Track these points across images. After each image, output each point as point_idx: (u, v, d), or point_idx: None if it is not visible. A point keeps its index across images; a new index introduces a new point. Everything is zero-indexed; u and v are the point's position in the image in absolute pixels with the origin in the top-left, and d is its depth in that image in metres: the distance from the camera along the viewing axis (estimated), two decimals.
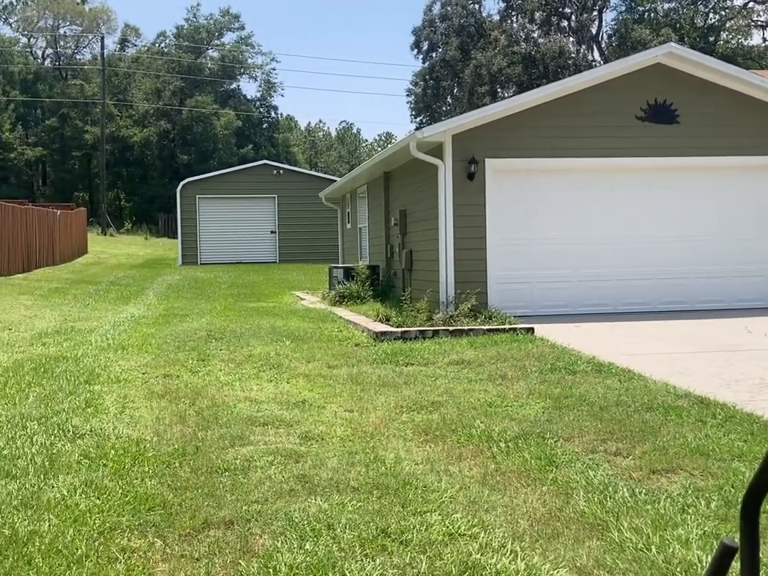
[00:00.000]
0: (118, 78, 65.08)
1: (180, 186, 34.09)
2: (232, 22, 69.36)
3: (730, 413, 6.49)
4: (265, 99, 72.08)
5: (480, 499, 4.73)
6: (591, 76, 14.00)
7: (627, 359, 9.05)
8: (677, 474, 5.15)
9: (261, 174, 34.30)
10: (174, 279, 24.51)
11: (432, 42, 59.36)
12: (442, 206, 13.26)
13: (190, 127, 62.10)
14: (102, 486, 4.98)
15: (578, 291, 14.01)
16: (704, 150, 13.95)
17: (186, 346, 10.69)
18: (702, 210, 14.32)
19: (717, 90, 14.03)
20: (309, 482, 5.04)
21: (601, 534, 4.22)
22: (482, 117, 13.49)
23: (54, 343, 11.07)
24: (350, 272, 18.10)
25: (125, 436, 6.13)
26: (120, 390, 7.93)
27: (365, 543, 4.11)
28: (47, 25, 67.88)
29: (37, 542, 4.12)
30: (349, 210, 23.81)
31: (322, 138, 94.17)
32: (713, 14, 54.43)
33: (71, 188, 64.46)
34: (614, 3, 56.50)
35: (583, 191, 14.06)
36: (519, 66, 53.38)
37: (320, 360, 9.56)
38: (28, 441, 5.97)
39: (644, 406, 6.83)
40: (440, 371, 8.79)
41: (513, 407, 6.99)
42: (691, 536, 4.13)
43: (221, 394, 7.72)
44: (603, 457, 5.52)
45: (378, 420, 6.61)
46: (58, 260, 29.87)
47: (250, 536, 4.24)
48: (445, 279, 13.24)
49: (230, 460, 5.51)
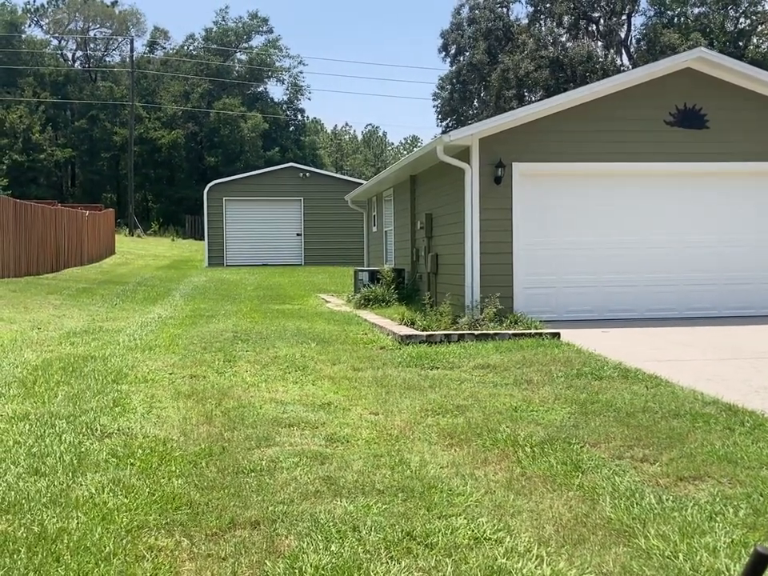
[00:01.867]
0: (147, 80, 65.66)
1: (207, 188, 34.29)
2: (260, 25, 69.82)
3: (759, 420, 6.43)
4: (292, 102, 72.48)
5: (505, 504, 4.71)
6: (619, 80, 13.92)
7: (654, 365, 8.99)
8: (704, 481, 5.11)
9: (287, 177, 34.43)
10: (200, 281, 24.66)
11: (460, 46, 59.31)
12: (468, 209, 13.24)
13: (217, 129, 62.53)
14: (129, 484, 5.02)
15: (604, 296, 13.93)
16: (734, 155, 13.83)
17: (212, 347, 10.75)
18: (729, 215, 14.18)
19: (747, 95, 13.90)
20: (334, 484, 5.05)
21: (627, 540, 4.20)
22: (510, 121, 13.46)
23: (83, 343, 11.17)
24: (375, 275, 18.12)
25: (152, 435, 6.18)
26: (147, 389, 7.98)
27: (390, 546, 4.11)
28: (77, 27, 68.71)
29: (65, 540, 4.16)
30: (374, 213, 23.84)
31: (348, 141, 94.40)
32: (743, 18, 53.94)
33: (100, 189, 65.15)
34: (643, 8, 56.23)
35: (610, 196, 13.99)
36: (546, 70, 53.21)
37: (345, 362, 9.58)
38: (57, 439, 6.02)
39: (671, 412, 6.78)
40: (465, 375, 8.77)
41: (538, 412, 6.96)
42: (719, 544, 4.10)
43: (247, 394, 7.76)
44: (630, 463, 5.49)
45: (403, 423, 6.61)
46: (85, 260, 30.16)
47: (276, 536, 4.25)
48: (470, 283, 13.21)
49: (256, 461, 5.53)
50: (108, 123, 62.79)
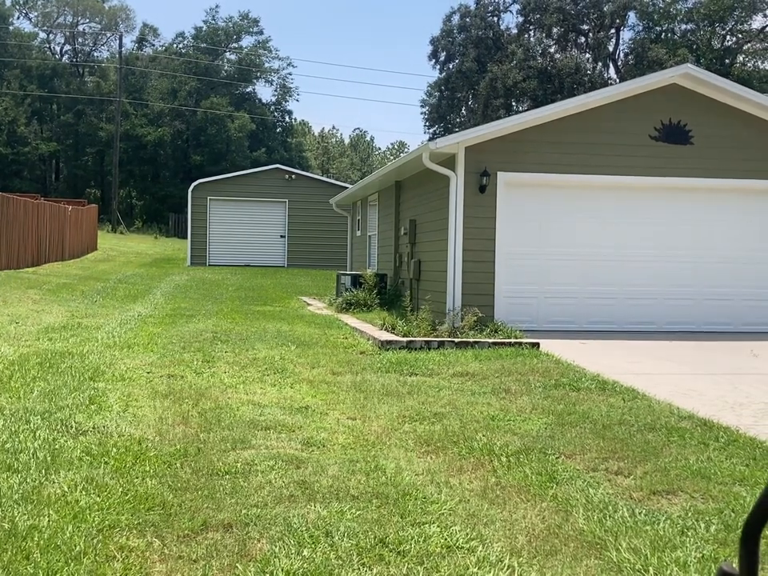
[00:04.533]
0: (135, 77, 65.37)
1: (192, 187, 34.16)
2: (251, 25, 69.66)
3: (733, 436, 6.47)
4: (279, 103, 72.33)
5: (479, 513, 4.72)
6: (607, 94, 14.01)
7: (632, 378, 9.04)
8: (677, 495, 5.14)
9: (273, 178, 34.36)
10: (182, 279, 24.56)
11: (449, 53, 59.43)
12: (453, 217, 13.27)
13: (203, 128, 62.31)
14: (102, 483, 4.99)
15: (585, 308, 13.99)
16: (717, 171, 13.94)
17: (191, 347, 10.71)
18: (710, 231, 14.30)
19: (732, 113, 14.02)
20: (309, 489, 5.04)
21: (599, 553, 4.21)
22: (496, 130, 13.51)
23: (61, 338, 11.11)
24: (357, 279, 18.11)
25: (127, 434, 6.15)
26: (124, 388, 7.95)
27: (362, 552, 4.11)
28: (66, 21, 68.28)
29: (36, 537, 4.13)
30: (359, 217, 23.85)
31: (335, 145, 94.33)
32: (730, 36, 54.40)
33: (84, 184, 64.77)
34: (631, 22, 56.60)
35: (594, 208, 14.06)
36: (535, 80, 53.43)
37: (324, 366, 9.57)
38: (31, 435, 5.98)
39: (647, 425, 6.82)
40: (444, 382, 8.78)
41: (515, 422, 6.98)
42: (690, 559, 4.12)
43: (224, 396, 7.73)
44: (604, 475, 5.51)
45: (380, 429, 6.61)
46: (67, 255, 29.97)
47: (249, 540, 4.24)
48: (452, 290, 13.24)
49: (231, 463, 5.51)
50: (94, 118, 62.45)
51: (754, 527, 1.66)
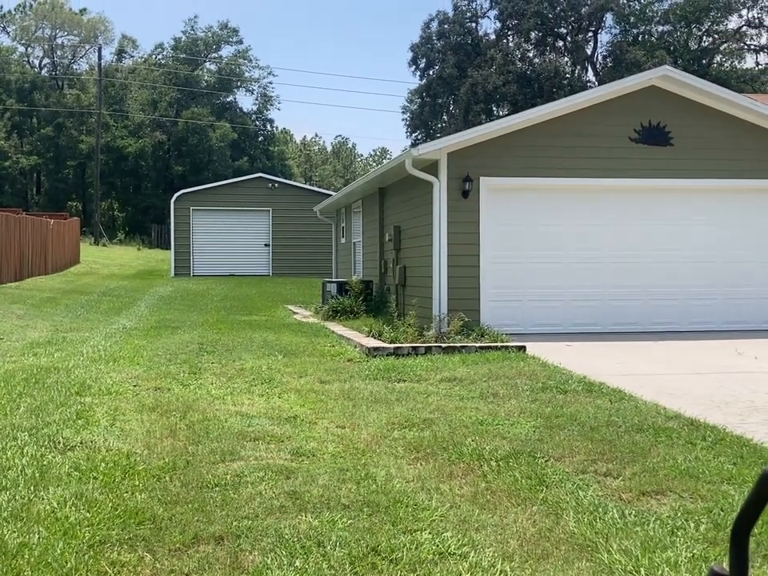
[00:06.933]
0: (115, 89, 65.19)
1: (174, 198, 34.08)
2: (230, 35, 69.61)
3: (720, 435, 6.51)
4: (261, 112, 72.29)
5: (470, 518, 4.73)
6: (586, 97, 14.09)
7: (618, 379, 9.08)
8: (666, 495, 5.17)
9: (256, 187, 34.32)
10: (166, 291, 24.48)
11: (429, 59, 59.62)
12: (436, 222, 13.31)
13: (185, 139, 62.20)
14: (92, 498, 4.97)
15: (570, 310, 14.05)
16: (697, 172, 14.05)
17: (177, 359, 10.68)
18: (693, 231, 14.40)
19: (711, 113, 14.14)
20: (299, 499, 5.03)
21: (590, 555, 4.23)
22: (478, 135, 13.56)
23: (46, 353, 11.04)
24: (343, 287, 18.12)
25: (115, 449, 6.12)
26: (111, 402, 7.91)
27: (355, 561, 4.11)
28: (45, 34, 68.04)
29: (26, 555, 4.11)
30: (343, 224, 23.85)
31: (318, 152, 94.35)
32: (706, 37, 54.86)
33: (65, 197, 64.46)
34: (608, 25, 56.98)
35: (577, 211, 14.13)
36: (514, 84, 53.66)
37: (312, 375, 9.56)
38: (18, 452, 5.94)
39: (634, 426, 6.85)
40: (432, 388, 8.79)
41: (504, 426, 7.00)
42: (680, 559, 4.14)
43: (212, 407, 7.71)
44: (593, 477, 5.54)
45: (369, 437, 6.61)
46: (50, 269, 29.82)
47: (240, 552, 4.23)
48: (438, 295, 13.26)
49: (221, 475, 5.50)
50: (74, 131, 62.22)
51: (743, 526, 1.67)
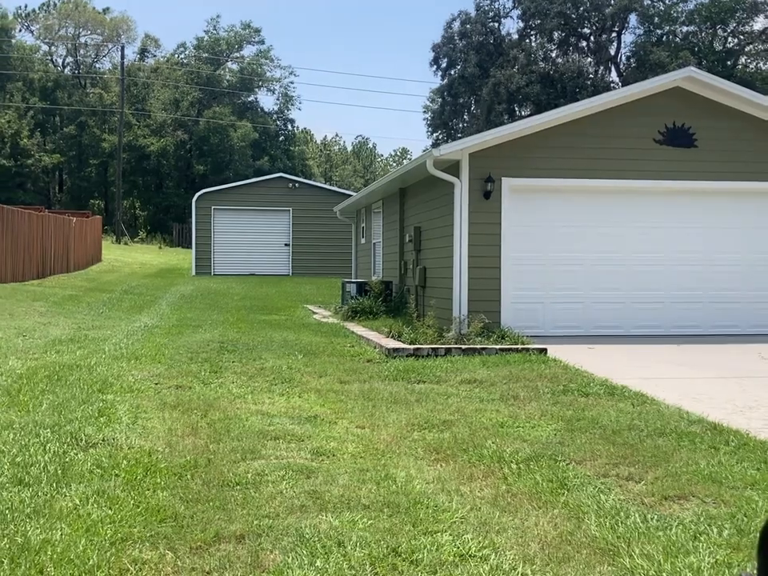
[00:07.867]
0: (137, 88, 65.55)
1: (195, 197, 34.24)
2: (252, 35, 69.80)
3: (743, 440, 6.45)
4: (282, 112, 72.45)
5: (491, 520, 4.71)
6: (610, 98, 14.01)
7: (640, 383, 9.02)
8: (689, 500, 5.13)
9: (276, 187, 34.42)
10: (187, 289, 24.59)
11: (451, 59, 59.51)
12: (457, 223, 13.28)
13: (206, 138, 62.45)
14: (114, 496, 4.99)
15: (591, 313, 13.98)
16: (722, 174, 13.93)
17: (198, 357, 10.72)
18: (717, 233, 14.29)
19: (735, 115, 14.02)
20: (320, 498, 5.04)
21: (612, 559, 4.20)
22: (500, 136, 13.51)
23: (68, 351, 11.12)
24: (363, 287, 18.12)
25: (137, 446, 6.15)
26: (133, 399, 7.95)
27: (375, 562, 4.10)
28: (68, 33, 68.51)
29: (49, 551, 4.13)
30: (363, 224, 23.86)
31: (338, 152, 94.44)
32: (731, 38, 54.42)
33: (87, 195, 64.94)
34: (632, 25, 56.64)
35: (599, 213, 14.06)
36: (537, 85, 53.46)
37: (332, 375, 9.57)
38: (41, 449, 5.98)
39: (657, 430, 6.80)
40: (452, 390, 8.78)
41: (525, 428, 6.97)
42: (703, 564, 4.11)
43: (233, 406, 7.73)
44: (615, 481, 5.50)
45: (389, 437, 6.60)
46: (72, 267, 30.03)
47: (261, 551, 4.24)
48: (458, 297, 13.23)
49: (242, 474, 5.51)
50: (97, 130, 62.62)
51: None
